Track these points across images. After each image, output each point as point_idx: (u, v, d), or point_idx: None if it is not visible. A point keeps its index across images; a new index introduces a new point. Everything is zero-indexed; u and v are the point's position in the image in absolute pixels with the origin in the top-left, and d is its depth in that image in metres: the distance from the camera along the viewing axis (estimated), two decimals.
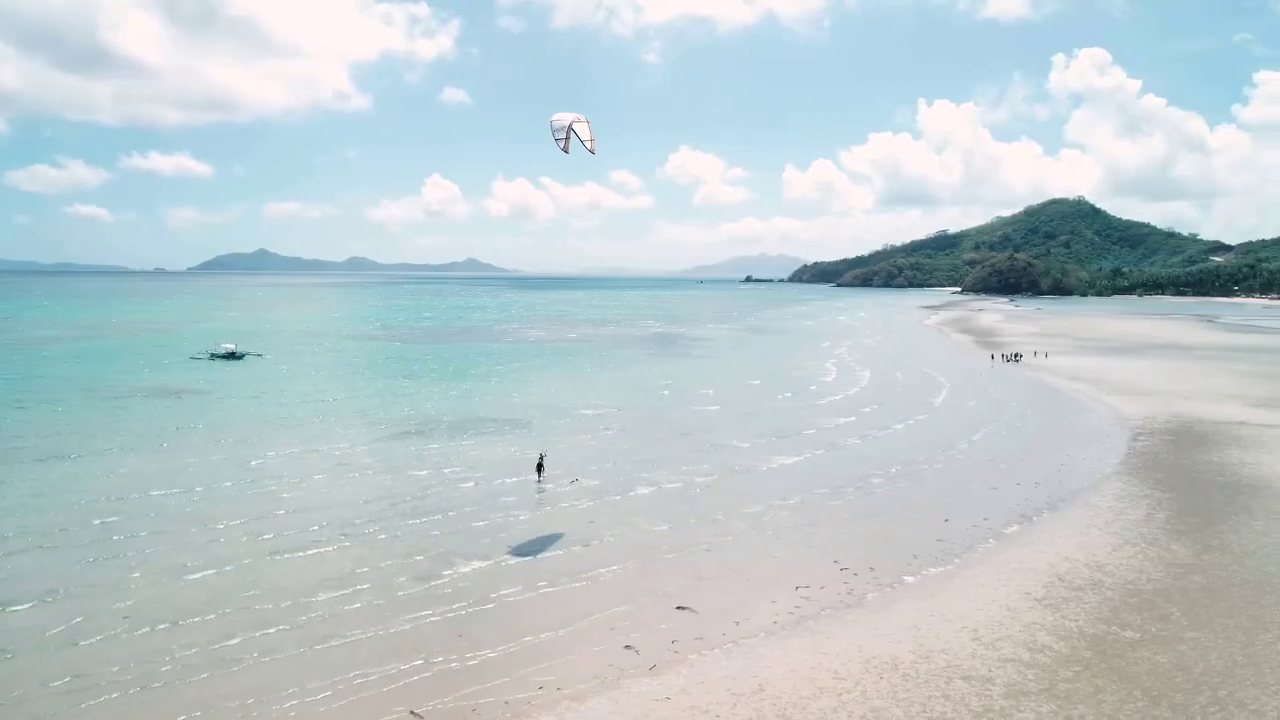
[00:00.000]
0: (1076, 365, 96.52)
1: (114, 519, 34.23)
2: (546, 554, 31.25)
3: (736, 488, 41.53)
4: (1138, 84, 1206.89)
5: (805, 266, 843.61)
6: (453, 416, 59.39)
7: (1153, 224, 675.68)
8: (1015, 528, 35.27)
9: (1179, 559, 30.91)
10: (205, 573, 28.63)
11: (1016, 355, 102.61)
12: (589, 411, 62.72)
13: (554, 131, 35.94)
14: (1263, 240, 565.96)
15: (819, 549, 32.22)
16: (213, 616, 25.13)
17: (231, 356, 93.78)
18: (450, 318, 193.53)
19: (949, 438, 54.03)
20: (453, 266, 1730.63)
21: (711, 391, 74.68)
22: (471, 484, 40.92)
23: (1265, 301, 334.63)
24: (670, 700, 20.57)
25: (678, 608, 26.53)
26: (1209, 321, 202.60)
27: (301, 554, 30.64)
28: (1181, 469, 45.41)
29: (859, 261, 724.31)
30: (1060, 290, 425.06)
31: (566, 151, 35.97)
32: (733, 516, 36.33)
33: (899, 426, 58.19)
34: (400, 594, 27.30)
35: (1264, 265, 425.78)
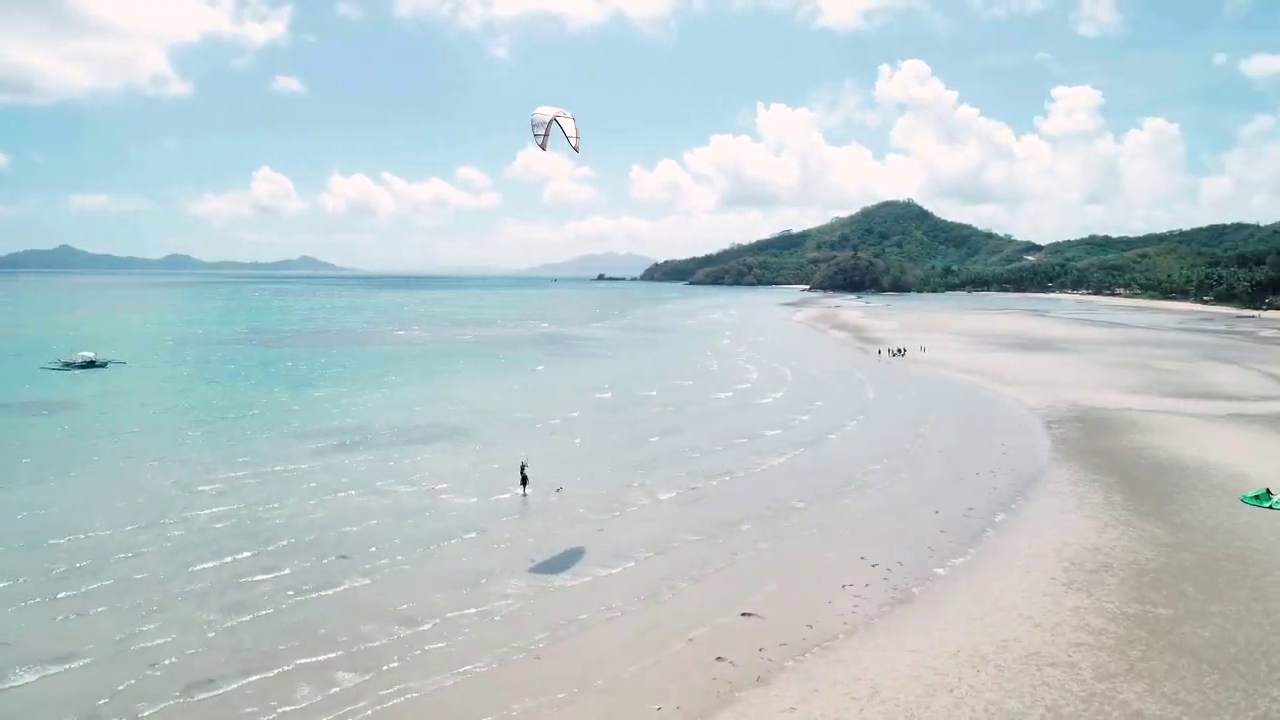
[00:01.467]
0: (958, 358, 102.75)
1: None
2: (582, 570, 30.21)
3: (737, 491, 41.40)
4: (954, 95, 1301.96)
5: (656, 265, 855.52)
6: (386, 425, 56.39)
7: (974, 225, 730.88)
8: (1002, 516, 37.14)
9: (1159, 538, 33.48)
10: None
11: (901, 350, 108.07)
12: (526, 415, 61.22)
13: (533, 126, 34.56)
14: (1068, 241, 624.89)
15: (843, 547, 32.82)
16: None
17: (91, 365, 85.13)
18: (321, 318, 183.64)
19: (899, 433, 56.11)
20: (286, 265, 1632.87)
21: (654, 393, 74.52)
22: (457, 498, 39.05)
23: (1077, 296, 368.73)
24: (796, 710, 20.38)
25: (743, 614, 26.30)
26: (1042, 315, 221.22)
27: (305, 597, 27.90)
28: (1106, 453, 49.23)
29: (708, 260, 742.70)
30: (899, 287, 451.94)
31: (544, 149, 34.68)
32: (745, 520, 36.30)
33: (852, 425, 59.78)
34: (457, 624, 25.64)
35: (1072, 264, 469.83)
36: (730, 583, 29.05)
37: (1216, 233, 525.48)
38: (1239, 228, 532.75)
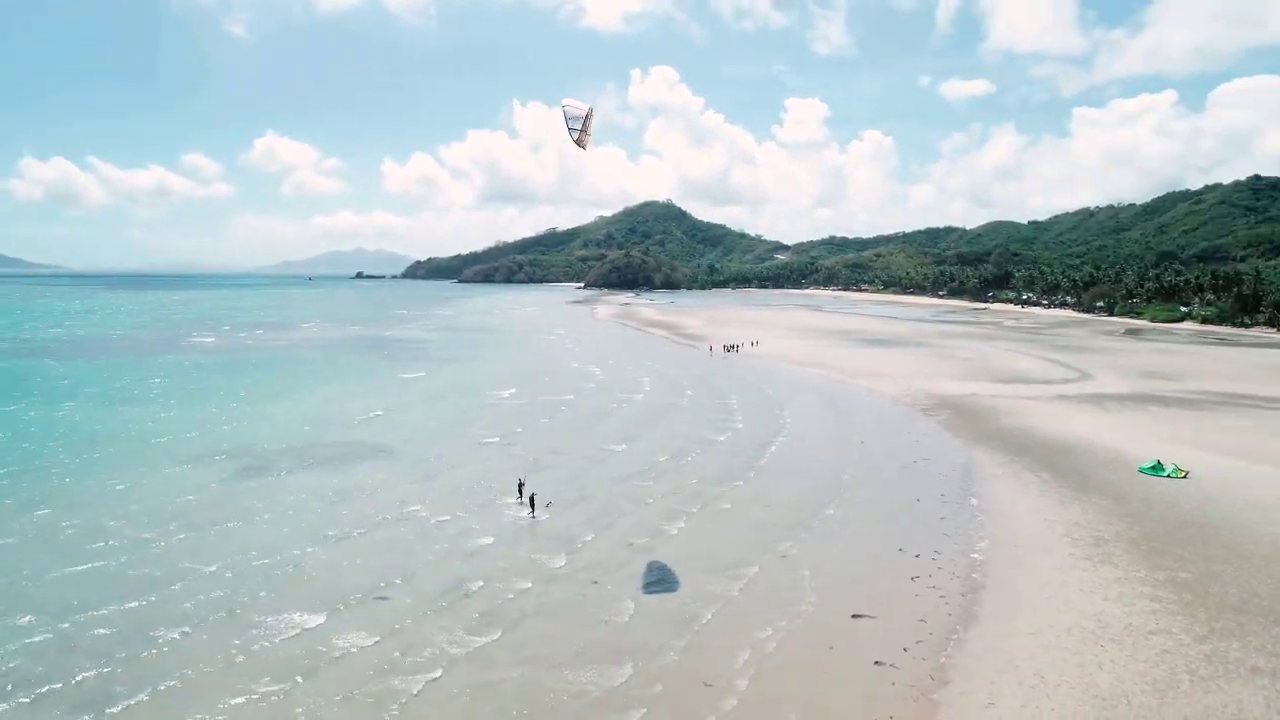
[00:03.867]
0: (789, 353, 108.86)
1: None
2: (652, 585, 29.13)
3: (744, 498, 40.54)
4: (701, 101, 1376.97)
5: (419, 263, 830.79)
6: (287, 445, 50.70)
7: (727, 226, 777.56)
8: (975, 500, 40.27)
9: (1112, 509, 37.98)
10: None
11: (735, 346, 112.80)
12: (438, 425, 57.70)
13: (568, 120, 33.00)
14: (811, 241, 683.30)
15: (880, 542, 34.11)
16: None
17: None
18: (72, 324, 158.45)
19: (827, 428, 58.54)
20: None
21: (571, 397, 72.33)
22: (458, 527, 35.86)
23: (830, 292, 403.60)
24: (995, 706, 21.16)
25: (854, 616, 26.70)
26: (819, 310, 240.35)
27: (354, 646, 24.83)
28: (999, 437, 54.62)
29: (476, 258, 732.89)
30: (670, 285, 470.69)
31: (584, 146, 33.20)
32: (773, 524, 36.44)
33: (788, 415, 62.08)
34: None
35: (819, 262, 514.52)
36: (808, 588, 29.19)
37: (933, 235, 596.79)
38: (949, 230, 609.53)
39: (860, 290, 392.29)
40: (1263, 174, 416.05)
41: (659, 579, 29.49)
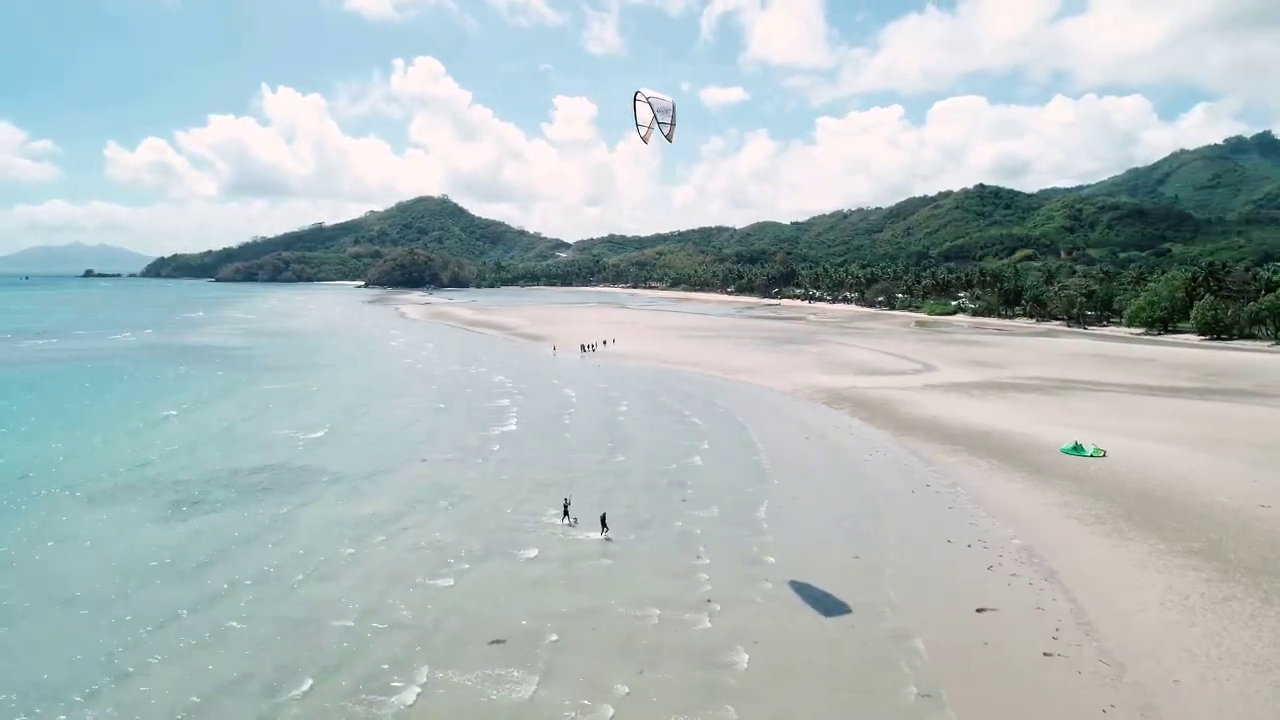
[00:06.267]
0: (648, 350, 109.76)
1: None
2: (832, 611, 28.17)
3: (777, 513, 38.25)
4: (469, 95, 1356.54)
5: (163, 260, 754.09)
6: (209, 471, 43.78)
7: (507, 223, 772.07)
8: (961, 488, 42.52)
9: (1081, 489, 41.32)
10: None
11: (593, 346, 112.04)
12: (372, 439, 52.25)
13: (657, 113, 31.02)
14: (592, 239, 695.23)
15: (926, 535, 35.07)
16: None
17: None
18: None
19: (776, 428, 58.69)
20: None
21: (505, 402, 67.66)
22: (501, 557, 32.59)
23: (621, 289, 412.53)
24: (1180, 682, 22.47)
25: (978, 610, 27.39)
26: (624, 307, 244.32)
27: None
28: (919, 426, 58.04)
29: (231, 255, 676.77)
30: (458, 283, 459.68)
31: (670, 139, 31.40)
32: (835, 530, 36.18)
33: (739, 419, 61.51)
34: None
35: (604, 260, 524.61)
36: (908, 587, 29.47)
37: (707, 234, 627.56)
38: (721, 229, 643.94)
39: (650, 287, 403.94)
40: (977, 183, 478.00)
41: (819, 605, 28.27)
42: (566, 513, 34.95)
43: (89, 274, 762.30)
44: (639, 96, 32.18)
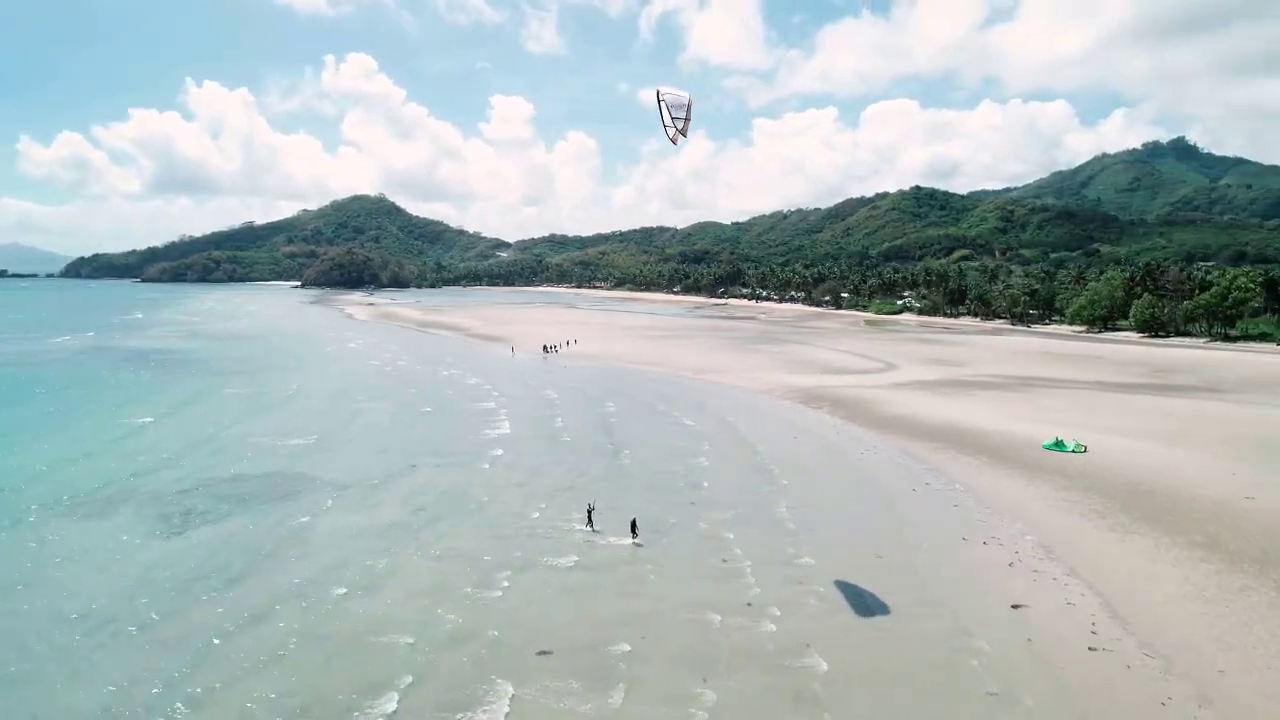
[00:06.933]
0: (611, 351, 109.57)
1: None
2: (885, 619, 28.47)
3: (797, 514, 38.21)
4: (403, 93, 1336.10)
5: (84, 260, 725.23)
6: (199, 478, 42.25)
7: (446, 222, 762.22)
8: (959, 485, 43.48)
9: (1073, 485, 42.54)
10: None
11: (555, 347, 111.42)
12: (399, 449, 50.85)
13: (670, 108, 30.97)
14: (533, 239, 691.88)
15: (943, 534, 35.76)
16: None
17: None
18: None
19: (767, 428, 58.87)
20: None
21: (490, 405, 66.37)
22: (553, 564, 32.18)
23: (566, 289, 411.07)
24: (1225, 673, 23.47)
25: (1013, 606, 28.11)
26: (574, 307, 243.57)
27: None
28: (899, 425, 59.16)
29: (157, 254, 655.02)
30: (399, 283, 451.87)
31: (685, 134, 31.36)
32: (856, 529, 36.80)
33: (729, 419, 61.66)
34: None
35: (546, 260, 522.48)
36: (944, 584, 30.10)
37: (649, 234, 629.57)
38: (663, 230, 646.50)
39: (595, 287, 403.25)
40: (913, 185, 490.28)
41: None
42: (591, 519, 34.69)
43: (3, 274, 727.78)
44: (660, 97, 32.16)
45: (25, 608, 26.86)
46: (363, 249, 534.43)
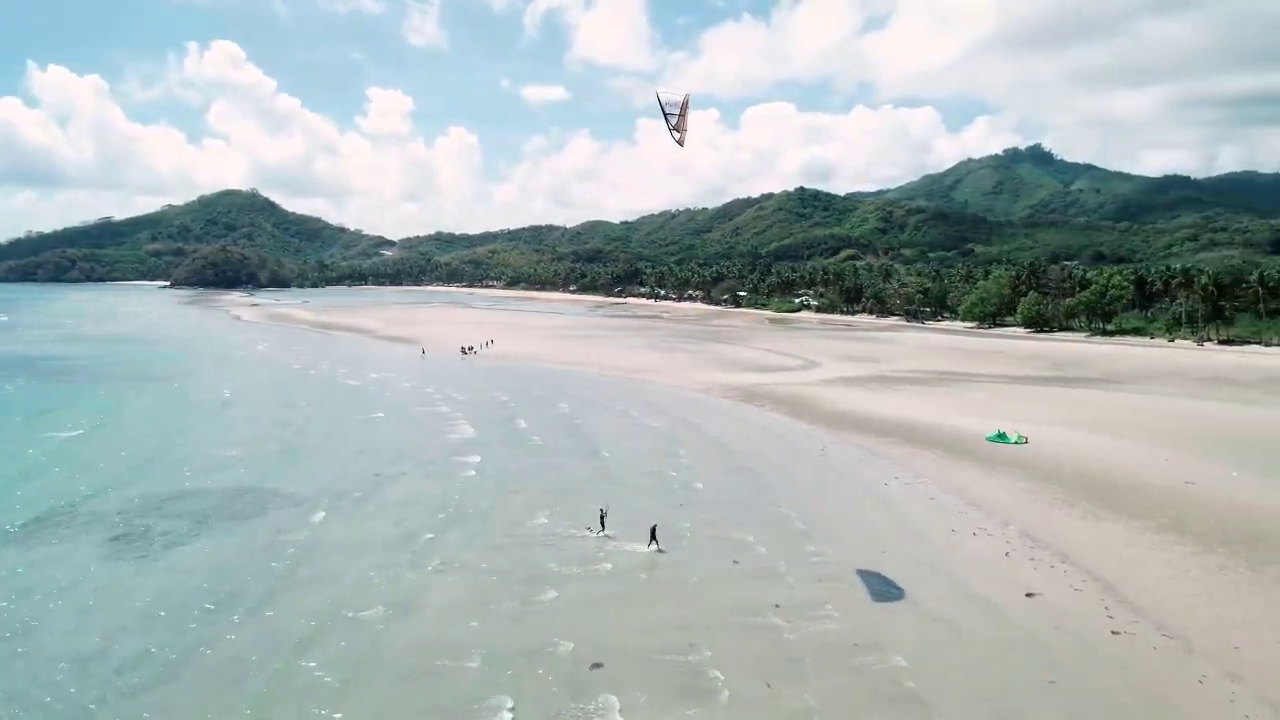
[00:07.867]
0: (530, 351, 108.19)
1: None
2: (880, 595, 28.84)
3: (799, 511, 38.69)
4: (274, 84, 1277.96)
5: None
6: (193, 490, 39.01)
7: (324, 219, 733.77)
8: (928, 479, 44.86)
9: (1031, 475, 44.72)
10: None
11: (474, 348, 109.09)
12: (370, 458, 48.14)
13: (664, 108, 30.91)
14: (419, 237, 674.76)
15: (933, 526, 36.85)
16: None
17: None
18: None
19: (724, 425, 59.23)
20: None
21: (444, 408, 63.26)
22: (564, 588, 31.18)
23: (456, 288, 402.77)
24: (1240, 648, 25.15)
25: (1028, 595, 29.25)
26: (471, 307, 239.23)
27: None
28: (847, 422, 60.53)
29: (3, 252, 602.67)
30: (279, 282, 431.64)
31: (681, 130, 31.28)
32: (853, 525, 37.19)
33: (699, 422, 61.12)
34: None
35: (433, 258, 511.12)
36: (960, 576, 30.93)
37: (538, 232, 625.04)
38: (552, 228, 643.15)
39: (488, 286, 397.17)
40: (797, 186, 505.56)
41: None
42: (603, 523, 34.05)
43: None
44: (660, 99, 32.01)
45: (25, 650, 24.09)
46: (237, 247, 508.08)
